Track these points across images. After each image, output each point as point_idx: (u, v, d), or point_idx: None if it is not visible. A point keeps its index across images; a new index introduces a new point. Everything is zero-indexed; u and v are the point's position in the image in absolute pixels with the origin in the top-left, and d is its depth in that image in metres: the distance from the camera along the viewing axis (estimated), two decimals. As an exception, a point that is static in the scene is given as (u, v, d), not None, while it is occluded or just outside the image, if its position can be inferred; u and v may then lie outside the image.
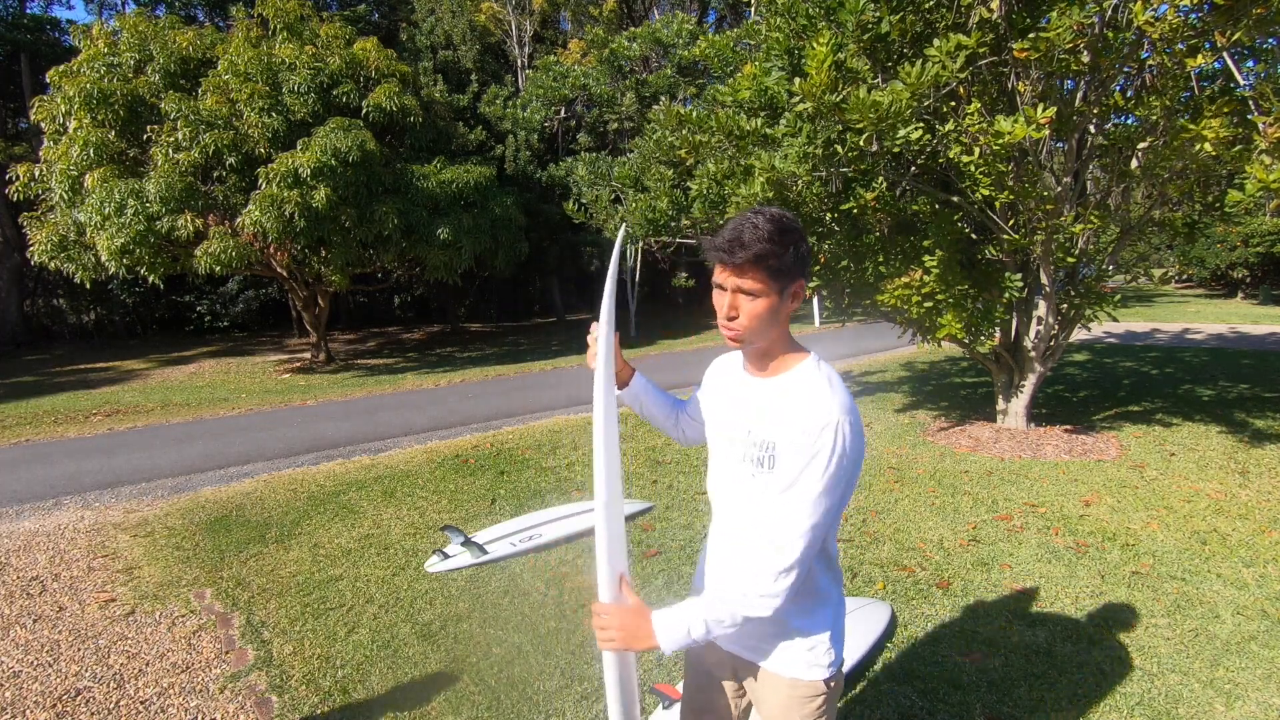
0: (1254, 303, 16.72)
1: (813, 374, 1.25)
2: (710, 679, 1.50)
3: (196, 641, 3.06)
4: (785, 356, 1.29)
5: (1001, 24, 4.07)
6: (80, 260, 11.17)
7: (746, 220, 1.20)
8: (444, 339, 18.47)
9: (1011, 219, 4.97)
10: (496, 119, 17.15)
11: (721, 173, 5.37)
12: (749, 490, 1.26)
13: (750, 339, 1.24)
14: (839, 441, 1.15)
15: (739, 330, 1.23)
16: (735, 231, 1.19)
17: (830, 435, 1.14)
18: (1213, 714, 2.29)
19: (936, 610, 3.01)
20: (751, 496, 1.26)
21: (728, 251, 1.18)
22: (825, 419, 1.15)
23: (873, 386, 8.49)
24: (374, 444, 6.81)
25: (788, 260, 1.19)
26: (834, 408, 1.17)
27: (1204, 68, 4.14)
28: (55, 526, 4.75)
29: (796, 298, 1.25)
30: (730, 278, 1.21)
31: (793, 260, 1.20)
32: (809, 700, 1.30)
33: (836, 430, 1.15)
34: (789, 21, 4.70)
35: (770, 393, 1.28)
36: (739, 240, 1.18)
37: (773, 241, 1.17)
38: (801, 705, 1.31)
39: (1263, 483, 4.46)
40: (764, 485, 1.23)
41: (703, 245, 1.28)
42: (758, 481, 1.24)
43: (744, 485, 1.28)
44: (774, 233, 1.18)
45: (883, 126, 3.89)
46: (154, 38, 11.43)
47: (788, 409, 1.22)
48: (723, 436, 1.35)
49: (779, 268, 1.19)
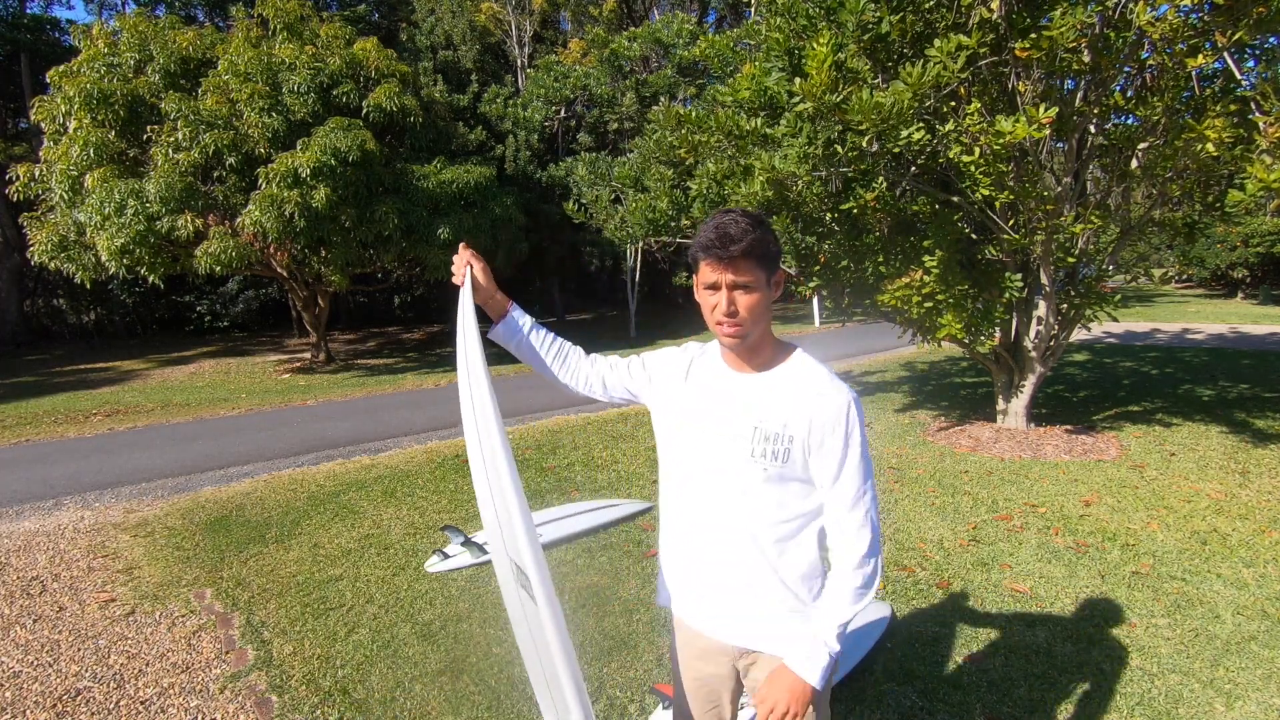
0: (1254, 303, 16.72)
1: (811, 364, 1.31)
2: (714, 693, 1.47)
3: (196, 641, 3.06)
4: (775, 350, 1.33)
5: (1001, 24, 4.07)
6: (80, 260, 11.16)
7: (727, 218, 1.24)
8: (444, 339, 18.46)
9: (1011, 219, 4.97)
10: (496, 119, 17.15)
11: (721, 172, 5.37)
12: (749, 483, 1.28)
13: (750, 332, 1.27)
14: (859, 416, 1.26)
15: (742, 325, 1.25)
16: (721, 229, 1.22)
17: (853, 413, 1.25)
18: (1213, 714, 2.28)
19: (936, 610, 3.01)
20: (750, 489, 1.28)
21: (721, 247, 1.21)
22: (842, 401, 1.25)
23: (873, 386, 8.49)
24: (374, 444, 6.81)
25: (772, 250, 1.25)
26: (843, 389, 1.27)
27: (1204, 68, 4.14)
28: (55, 526, 4.75)
29: (778, 287, 1.31)
30: (725, 274, 1.23)
31: (775, 250, 1.27)
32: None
33: (851, 407, 1.26)
34: (789, 21, 4.70)
35: (770, 386, 1.30)
36: (729, 235, 1.21)
37: (757, 232, 1.22)
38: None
39: (1263, 483, 4.46)
40: (778, 476, 1.26)
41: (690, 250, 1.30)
42: (770, 474, 1.26)
43: (743, 478, 1.28)
44: (755, 224, 1.23)
45: (884, 127, 3.90)
46: (154, 38, 11.43)
47: (802, 401, 1.26)
48: (711, 431, 1.33)
49: (766, 256, 1.24)
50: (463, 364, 1.40)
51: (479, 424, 1.37)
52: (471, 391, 1.38)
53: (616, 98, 16.54)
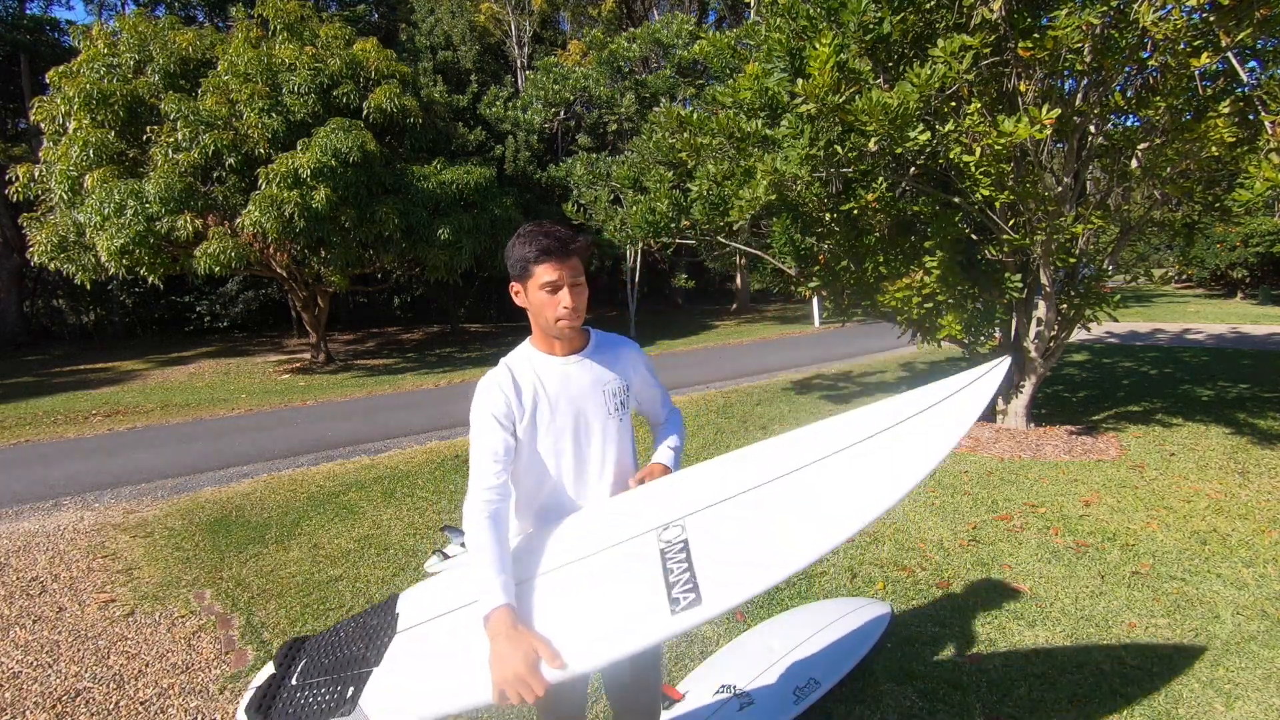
0: (1254, 303, 16.73)
1: (602, 333, 1.71)
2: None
3: (196, 642, 3.06)
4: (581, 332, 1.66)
5: (1002, 24, 4.07)
6: (80, 261, 11.16)
7: (547, 227, 1.54)
8: (443, 339, 18.46)
9: (1012, 219, 4.97)
10: (496, 120, 17.15)
11: (721, 174, 5.38)
12: (616, 428, 1.64)
13: (580, 322, 1.58)
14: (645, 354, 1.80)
15: (580, 316, 1.56)
16: (551, 235, 1.52)
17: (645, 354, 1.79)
18: (1213, 714, 2.28)
19: (936, 610, 3.01)
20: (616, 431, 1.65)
21: (562, 248, 1.51)
22: (637, 347, 1.77)
23: (872, 387, 8.49)
24: (374, 444, 6.81)
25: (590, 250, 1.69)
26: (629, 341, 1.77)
27: (1207, 68, 4.14)
28: (55, 527, 4.74)
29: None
30: (565, 274, 1.51)
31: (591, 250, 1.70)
32: None
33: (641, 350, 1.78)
34: (790, 22, 4.70)
35: (596, 358, 1.65)
36: (563, 238, 1.52)
37: (580, 236, 1.56)
38: None
39: (1263, 483, 4.46)
40: (624, 416, 1.67)
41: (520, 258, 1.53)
42: (624, 416, 1.67)
43: (613, 429, 1.64)
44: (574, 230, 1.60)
45: (891, 128, 3.90)
46: (154, 38, 11.43)
47: (620, 359, 1.69)
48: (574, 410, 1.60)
49: (588, 256, 1.59)
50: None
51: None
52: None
53: (616, 98, 16.55)
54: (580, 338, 1.65)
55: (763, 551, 1.28)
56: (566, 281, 1.51)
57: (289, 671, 1.53)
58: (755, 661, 2.45)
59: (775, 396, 8.13)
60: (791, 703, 2.24)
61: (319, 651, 1.56)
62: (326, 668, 1.49)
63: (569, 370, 1.61)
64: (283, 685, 1.49)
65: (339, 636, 1.59)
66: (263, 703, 1.46)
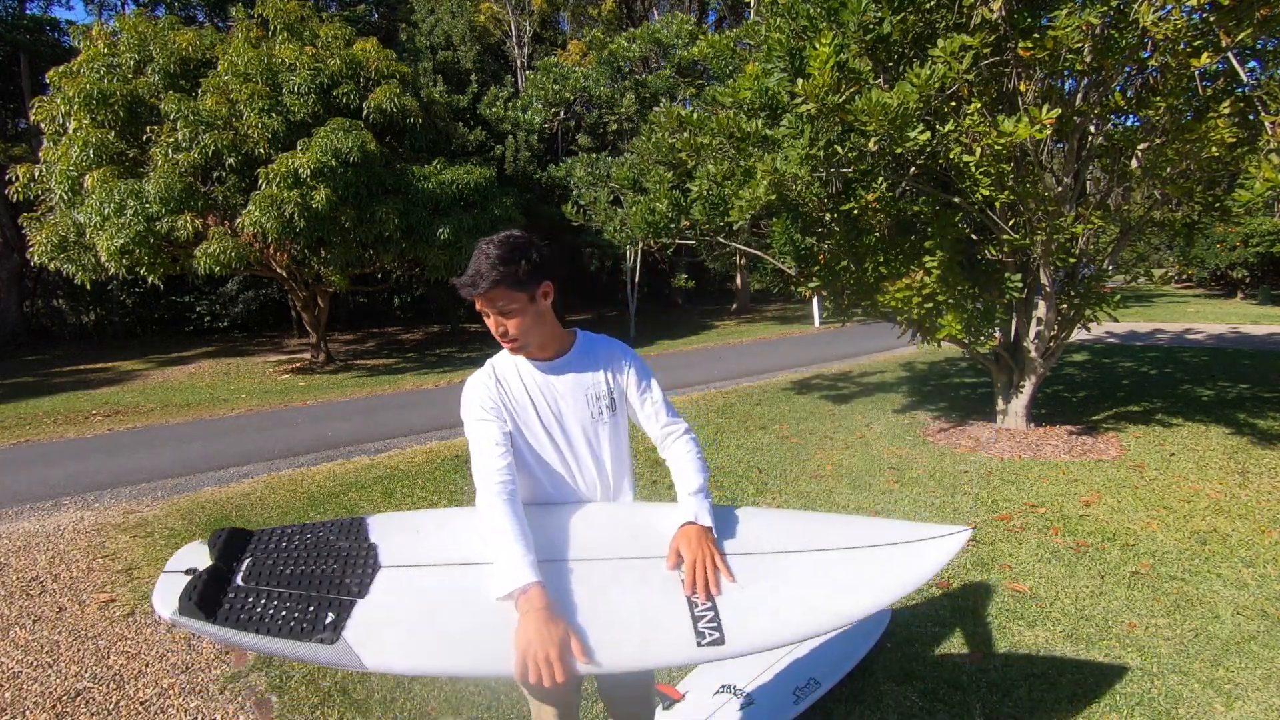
0: (1254, 303, 16.72)
1: (592, 336, 1.67)
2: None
3: (196, 642, 3.06)
4: (563, 338, 1.62)
5: (1002, 24, 4.07)
6: (80, 261, 11.16)
7: (480, 253, 1.46)
8: (443, 339, 18.46)
9: (1012, 219, 4.97)
10: (496, 120, 17.15)
11: (721, 174, 5.37)
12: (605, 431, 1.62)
13: (528, 341, 1.53)
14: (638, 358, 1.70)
15: (517, 340, 1.51)
16: (474, 267, 1.45)
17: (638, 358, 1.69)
18: (1213, 714, 2.28)
19: (936, 610, 3.01)
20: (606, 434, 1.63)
21: (472, 285, 1.44)
22: (627, 350, 1.69)
23: (872, 387, 8.49)
24: (374, 444, 6.81)
25: (523, 273, 1.46)
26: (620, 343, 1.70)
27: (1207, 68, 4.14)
28: (55, 527, 4.74)
29: (547, 295, 1.54)
30: (487, 305, 1.47)
31: (528, 271, 1.47)
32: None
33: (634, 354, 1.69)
34: (790, 22, 4.70)
35: (580, 361, 1.62)
36: (478, 274, 1.44)
37: (503, 264, 1.44)
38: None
39: (1263, 483, 4.46)
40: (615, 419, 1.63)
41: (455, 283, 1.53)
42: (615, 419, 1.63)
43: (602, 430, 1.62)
44: (502, 256, 1.44)
45: (891, 128, 3.90)
46: (154, 38, 11.43)
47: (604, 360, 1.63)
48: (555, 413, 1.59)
49: (517, 282, 1.46)
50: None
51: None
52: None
53: (616, 99, 16.55)
54: (565, 340, 1.63)
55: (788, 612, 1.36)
56: (492, 311, 1.48)
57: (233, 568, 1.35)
58: (755, 661, 2.44)
59: (775, 397, 8.13)
60: (791, 703, 2.24)
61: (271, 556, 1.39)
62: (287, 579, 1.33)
63: (551, 373, 1.60)
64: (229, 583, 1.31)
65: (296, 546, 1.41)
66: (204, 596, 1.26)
